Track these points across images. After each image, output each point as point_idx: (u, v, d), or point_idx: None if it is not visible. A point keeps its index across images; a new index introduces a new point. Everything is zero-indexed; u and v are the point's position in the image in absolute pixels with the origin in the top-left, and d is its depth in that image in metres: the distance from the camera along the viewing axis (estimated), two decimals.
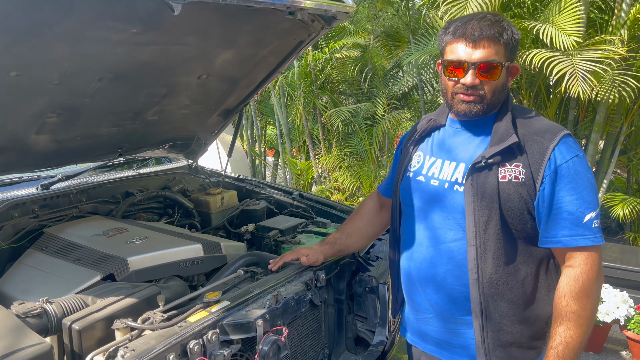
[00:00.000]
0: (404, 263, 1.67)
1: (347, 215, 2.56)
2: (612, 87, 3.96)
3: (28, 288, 1.79)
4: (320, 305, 1.94)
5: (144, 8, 1.57)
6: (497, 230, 1.40)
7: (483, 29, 1.38)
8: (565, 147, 1.39)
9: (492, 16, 1.43)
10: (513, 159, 1.40)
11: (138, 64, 1.92)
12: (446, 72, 1.45)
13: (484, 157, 1.41)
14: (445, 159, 1.55)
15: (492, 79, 1.41)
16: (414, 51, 5.61)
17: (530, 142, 1.41)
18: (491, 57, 1.39)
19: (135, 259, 1.85)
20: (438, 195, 1.52)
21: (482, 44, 1.38)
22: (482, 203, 1.41)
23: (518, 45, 1.48)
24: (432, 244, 1.53)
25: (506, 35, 1.41)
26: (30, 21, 1.41)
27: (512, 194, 1.40)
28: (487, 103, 1.44)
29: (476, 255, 1.42)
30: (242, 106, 2.73)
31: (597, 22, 4.55)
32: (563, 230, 1.37)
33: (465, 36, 1.40)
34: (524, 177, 1.39)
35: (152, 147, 2.69)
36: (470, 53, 1.39)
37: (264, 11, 1.87)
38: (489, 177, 1.41)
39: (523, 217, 1.41)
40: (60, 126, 2.05)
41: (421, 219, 1.58)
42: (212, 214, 2.71)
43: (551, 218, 1.38)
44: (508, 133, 1.42)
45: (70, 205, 2.39)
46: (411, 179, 1.63)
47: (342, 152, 7.07)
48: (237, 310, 1.54)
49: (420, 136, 1.66)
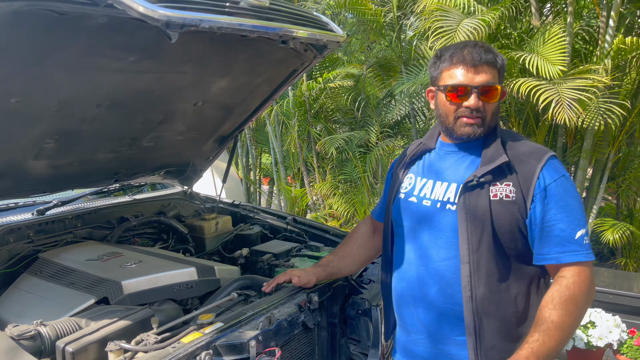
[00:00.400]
0: (396, 283, 1.69)
1: (340, 240, 2.59)
2: (597, 114, 4.06)
3: (22, 312, 1.80)
4: (314, 328, 1.95)
5: (141, 37, 1.63)
6: (489, 248, 1.44)
7: (481, 54, 1.46)
8: (552, 167, 1.45)
9: (483, 43, 1.52)
10: (503, 178, 1.45)
11: (135, 91, 1.97)
12: (448, 96, 1.50)
13: (475, 176, 1.46)
14: (436, 180, 1.59)
15: (493, 101, 1.49)
16: (406, 81, 5.73)
17: (520, 162, 1.46)
18: (491, 81, 1.47)
19: (129, 282, 1.87)
20: (430, 215, 1.56)
21: (482, 68, 1.46)
22: (475, 221, 1.45)
23: (505, 70, 1.56)
24: (424, 263, 1.56)
25: (499, 60, 1.50)
26: (32, 50, 1.47)
27: (503, 212, 1.44)
28: (487, 125, 1.51)
29: (469, 273, 1.45)
30: (237, 133, 2.78)
31: (582, 53, 4.69)
32: (556, 247, 1.41)
33: (464, 61, 1.47)
34: (514, 195, 1.44)
35: (147, 173, 2.73)
36: (471, 77, 1.46)
37: (258, 40, 1.94)
38: (481, 195, 1.45)
39: (514, 235, 1.45)
40: (58, 152, 2.09)
41: (413, 239, 1.61)
42: (206, 239, 2.73)
43: (544, 236, 1.42)
44: (498, 153, 1.47)
45: (66, 231, 2.41)
46: (403, 200, 1.67)
47: (337, 179, 7.13)
48: (230, 331, 1.56)
49: (411, 159, 1.71)
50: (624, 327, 3.56)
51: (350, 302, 2.09)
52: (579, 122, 3.80)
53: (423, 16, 4.42)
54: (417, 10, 4.55)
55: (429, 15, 4.24)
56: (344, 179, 7.14)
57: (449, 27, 4.04)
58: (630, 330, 3.57)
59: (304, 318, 1.80)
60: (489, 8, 4.31)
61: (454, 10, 4.14)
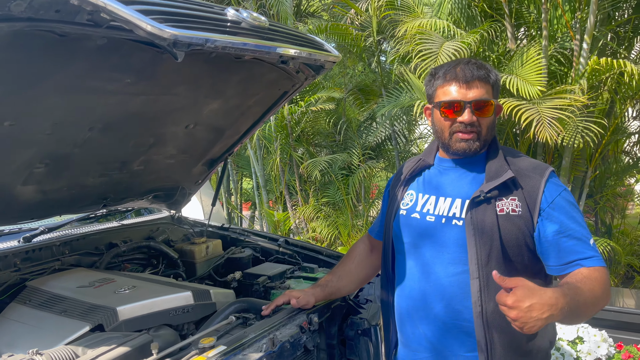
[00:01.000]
0: (399, 301, 1.68)
1: (334, 260, 2.58)
2: (576, 132, 4.18)
3: (12, 342, 1.72)
4: (313, 350, 1.92)
5: (138, 58, 1.63)
6: (499, 262, 1.45)
7: (473, 71, 1.50)
8: (554, 181, 1.51)
9: (475, 60, 1.56)
10: (509, 193, 1.48)
11: (128, 114, 1.95)
12: (442, 113, 1.53)
13: (482, 191, 1.48)
14: (439, 195, 1.60)
15: (487, 116, 1.51)
16: (387, 103, 5.82)
17: (524, 177, 1.50)
18: (484, 96, 1.50)
19: (124, 308, 1.82)
20: (434, 231, 1.57)
21: (474, 84, 1.49)
22: (483, 236, 1.46)
23: (499, 84, 1.59)
24: (428, 279, 1.56)
25: (492, 76, 1.53)
26: (29, 72, 1.45)
27: (510, 226, 1.46)
28: (483, 140, 1.54)
29: (479, 288, 1.45)
30: (227, 155, 2.77)
31: (557, 74, 4.84)
32: (576, 255, 1.43)
33: (457, 78, 1.51)
34: (520, 210, 1.47)
35: (136, 197, 2.69)
36: (464, 93, 1.50)
37: (251, 62, 1.95)
38: (488, 210, 1.47)
39: (521, 249, 1.47)
40: (47, 176, 2.04)
41: (416, 255, 1.61)
42: (197, 263, 2.68)
43: (562, 247, 1.44)
44: (503, 169, 1.51)
45: (53, 258, 2.35)
46: (404, 216, 1.67)
47: (319, 202, 7.13)
48: (233, 354, 1.52)
49: (410, 176, 1.72)
50: (611, 341, 3.60)
51: (349, 323, 2.07)
52: (559, 139, 3.90)
53: (404, 40, 4.51)
54: (398, 34, 4.65)
55: (411, 38, 4.33)
56: (327, 202, 7.14)
57: (430, 50, 4.13)
58: (617, 345, 3.61)
59: (306, 339, 1.77)
60: (468, 32, 4.43)
61: (434, 33, 4.24)
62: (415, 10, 5.08)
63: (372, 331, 2.02)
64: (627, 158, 5.83)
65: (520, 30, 5.54)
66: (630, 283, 5.70)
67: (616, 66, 3.94)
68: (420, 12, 5.05)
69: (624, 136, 5.60)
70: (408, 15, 4.95)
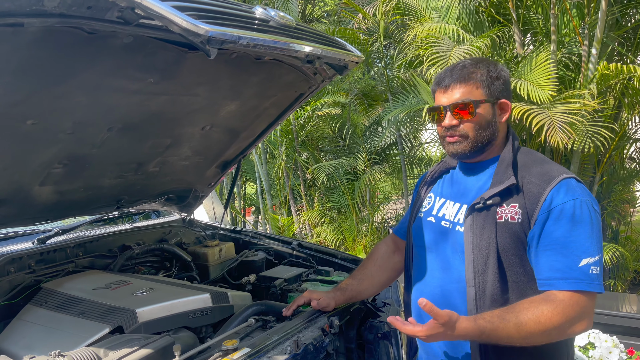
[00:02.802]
0: (415, 305, 1.66)
1: (349, 263, 2.56)
2: (586, 137, 4.17)
3: (30, 344, 1.70)
4: (333, 354, 1.90)
5: (162, 58, 1.62)
6: (494, 271, 1.40)
7: (453, 74, 1.48)
8: (565, 189, 1.38)
9: (470, 61, 1.52)
10: (510, 198, 1.43)
11: (148, 114, 1.94)
12: (432, 119, 1.55)
13: (482, 198, 1.45)
14: (451, 200, 1.60)
15: (469, 118, 1.47)
16: (393, 108, 5.82)
17: (529, 183, 1.42)
18: (463, 98, 1.46)
19: (144, 310, 1.80)
20: (447, 236, 1.56)
21: (452, 87, 1.48)
22: (481, 243, 1.43)
23: (503, 81, 1.51)
24: (439, 285, 1.55)
25: (480, 75, 1.47)
26: (55, 70, 1.43)
27: (507, 234, 1.41)
28: (472, 141, 1.49)
29: (475, 296, 1.42)
30: (240, 158, 2.76)
31: (565, 79, 4.84)
32: (556, 273, 1.34)
33: (439, 84, 1.52)
34: (520, 217, 1.40)
35: (149, 199, 2.67)
36: (444, 97, 1.49)
37: (271, 63, 1.95)
38: (487, 217, 1.43)
39: (520, 258, 1.41)
40: (65, 177, 2.03)
41: (430, 260, 1.61)
42: (210, 266, 2.67)
43: (541, 260, 1.37)
44: (507, 175, 1.45)
45: (67, 260, 2.33)
46: (422, 219, 1.67)
47: (324, 207, 7.11)
48: (258, 357, 1.50)
49: (433, 178, 1.73)
50: (622, 347, 3.58)
51: (368, 326, 2.05)
52: (569, 144, 3.89)
53: (414, 44, 4.51)
54: (407, 39, 4.65)
55: (420, 43, 4.33)
56: (331, 207, 7.13)
57: (440, 54, 4.13)
58: (628, 350, 3.59)
59: (328, 342, 1.75)
60: (477, 37, 4.43)
61: (444, 37, 4.25)
62: (423, 15, 5.09)
63: (392, 335, 2.00)
64: (634, 164, 5.82)
65: (527, 36, 5.55)
66: (637, 289, 5.68)
67: (626, 71, 3.94)
68: (428, 16, 5.06)
69: (631, 142, 5.60)
70: (416, 20, 4.95)
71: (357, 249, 6.59)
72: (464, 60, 1.54)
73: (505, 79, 1.51)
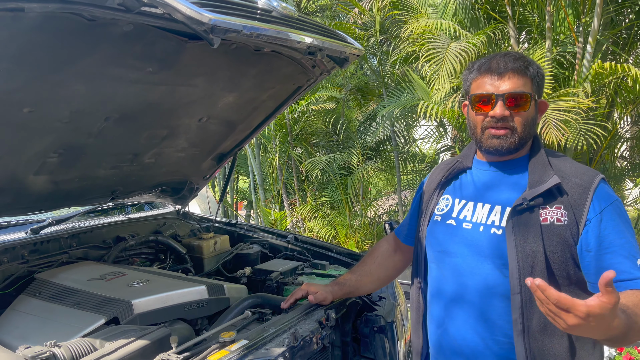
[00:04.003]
0: (433, 310, 1.58)
1: (344, 257, 2.56)
2: (579, 134, 4.20)
3: (25, 334, 1.69)
4: (329, 347, 1.90)
5: (162, 47, 1.60)
6: (542, 276, 1.31)
7: (508, 62, 1.40)
8: (605, 190, 1.36)
9: (515, 53, 1.46)
10: (554, 200, 1.35)
11: (145, 104, 1.92)
12: (474, 107, 1.45)
13: (525, 198, 1.36)
14: (477, 202, 1.50)
15: (522, 110, 1.40)
16: (388, 104, 5.82)
17: (570, 183, 1.36)
18: (519, 89, 1.39)
19: (140, 301, 1.78)
20: (473, 239, 1.46)
21: (508, 75, 1.39)
22: (526, 247, 1.34)
23: (544, 81, 1.48)
24: (467, 291, 1.46)
25: (532, 69, 1.42)
26: (54, 57, 1.41)
27: (555, 237, 1.34)
28: (519, 137, 1.42)
29: (521, 304, 1.33)
30: (236, 150, 2.75)
31: (560, 78, 4.86)
32: (620, 275, 1.27)
33: (490, 70, 1.42)
34: (566, 219, 1.33)
35: (144, 191, 2.65)
36: (497, 85, 1.40)
37: (270, 55, 1.94)
38: (531, 219, 1.35)
39: (566, 263, 1.35)
40: (60, 167, 2.01)
41: (451, 266, 1.50)
42: (205, 258, 2.65)
43: (604, 262, 1.30)
44: (548, 174, 1.38)
45: (61, 251, 2.31)
46: (439, 222, 1.57)
47: (317, 201, 7.11)
48: (255, 349, 1.50)
49: (446, 179, 1.63)
50: None
51: (364, 320, 2.05)
52: (563, 141, 3.92)
53: (410, 40, 4.51)
54: (403, 35, 4.65)
55: (416, 38, 4.33)
56: (324, 202, 7.13)
57: (436, 50, 4.13)
58: None
59: (325, 335, 1.75)
60: (473, 33, 4.44)
61: (441, 34, 4.25)
62: (419, 11, 5.08)
63: (389, 328, 2.00)
64: (624, 162, 5.87)
65: (522, 33, 5.57)
66: None
67: (620, 70, 3.97)
68: (425, 12, 5.06)
69: (622, 141, 5.65)
70: (412, 16, 4.95)
71: (350, 244, 6.60)
72: (509, 51, 1.47)
73: (544, 78, 1.48)
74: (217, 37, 1.17)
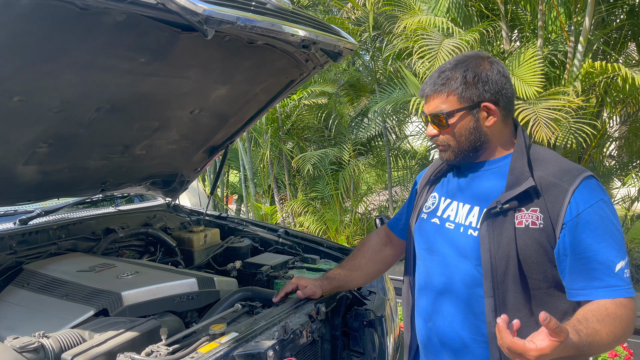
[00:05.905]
0: (419, 303, 1.60)
1: (335, 252, 2.57)
2: (569, 133, 4.24)
3: (13, 325, 1.67)
4: (318, 340, 1.91)
5: (154, 38, 1.59)
6: (515, 280, 1.31)
7: (428, 84, 1.45)
8: (588, 190, 1.30)
9: (451, 64, 1.43)
10: (530, 203, 1.32)
11: (137, 95, 1.91)
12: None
13: (499, 202, 1.34)
14: (459, 201, 1.50)
15: (444, 129, 1.44)
16: (380, 100, 5.82)
17: (548, 185, 1.32)
18: (437, 109, 1.42)
19: (129, 293, 1.78)
20: (453, 239, 1.46)
21: (430, 97, 1.45)
22: (499, 251, 1.33)
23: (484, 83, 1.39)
24: (447, 290, 1.47)
25: (454, 83, 1.39)
26: (45, 46, 1.40)
27: (529, 241, 1.31)
28: (456, 150, 1.45)
29: (494, 307, 1.32)
30: (228, 143, 2.74)
31: (550, 76, 4.90)
32: (593, 282, 1.25)
33: (421, 92, 1.50)
34: (542, 222, 1.30)
35: (134, 183, 2.64)
36: (425, 107, 1.48)
37: (263, 48, 1.93)
38: (505, 222, 1.33)
39: (542, 266, 1.32)
40: (50, 157, 1.99)
41: (435, 263, 1.51)
42: (195, 251, 2.65)
43: (578, 269, 1.28)
44: (524, 176, 1.34)
45: (49, 242, 2.29)
46: (425, 220, 1.58)
47: (308, 196, 7.11)
48: (245, 341, 1.50)
49: (436, 176, 1.64)
50: None
51: (354, 314, 2.06)
52: (553, 139, 3.95)
53: (403, 36, 4.51)
54: (396, 31, 4.65)
55: (409, 35, 4.33)
56: (315, 196, 7.13)
57: (429, 47, 4.14)
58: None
59: (315, 328, 1.76)
60: (466, 31, 4.45)
61: (434, 30, 4.26)
62: (413, 7, 5.08)
63: (378, 323, 2.01)
64: (613, 162, 5.94)
65: (514, 32, 5.60)
66: None
67: (610, 70, 4.00)
68: (418, 9, 5.06)
69: (611, 140, 5.71)
70: (405, 12, 4.95)
71: (340, 239, 6.62)
72: (445, 64, 1.46)
73: (489, 79, 1.39)
74: (211, 28, 1.17)
